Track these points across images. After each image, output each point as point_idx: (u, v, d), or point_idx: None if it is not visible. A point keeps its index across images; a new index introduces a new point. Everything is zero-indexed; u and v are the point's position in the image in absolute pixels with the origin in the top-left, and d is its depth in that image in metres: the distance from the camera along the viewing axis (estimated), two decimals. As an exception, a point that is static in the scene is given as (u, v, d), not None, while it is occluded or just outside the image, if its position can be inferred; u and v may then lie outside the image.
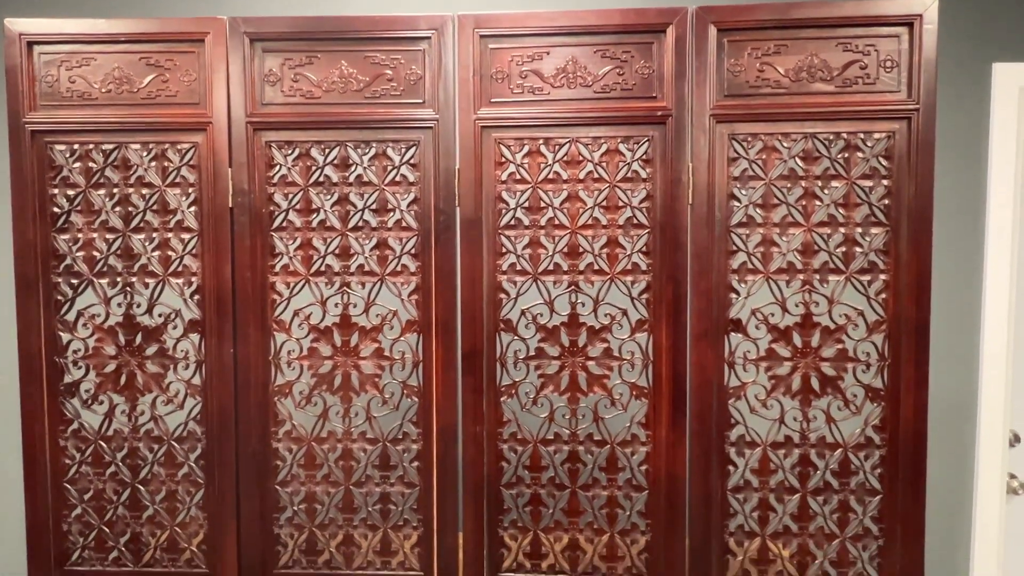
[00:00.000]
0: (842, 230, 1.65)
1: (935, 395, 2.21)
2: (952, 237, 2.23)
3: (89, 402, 1.78)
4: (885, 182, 1.63)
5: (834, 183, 1.64)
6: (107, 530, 1.80)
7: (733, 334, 1.69)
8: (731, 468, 1.71)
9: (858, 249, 1.65)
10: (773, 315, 1.68)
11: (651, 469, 1.71)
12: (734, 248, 1.67)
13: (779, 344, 1.68)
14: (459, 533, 1.75)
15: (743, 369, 1.69)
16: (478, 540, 1.75)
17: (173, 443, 1.78)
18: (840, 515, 1.70)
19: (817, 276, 1.66)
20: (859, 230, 1.65)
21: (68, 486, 1.79)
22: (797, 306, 1.67)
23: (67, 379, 1.78)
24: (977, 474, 2.50)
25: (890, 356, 1.66)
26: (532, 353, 1.72)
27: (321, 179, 1.72)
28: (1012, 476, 2.49)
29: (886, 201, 1.64)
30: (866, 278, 1.65)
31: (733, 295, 1.68)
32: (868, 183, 1.63)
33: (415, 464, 1.75)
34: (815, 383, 1.68)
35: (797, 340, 1.68)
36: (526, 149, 1.68)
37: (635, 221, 1.68)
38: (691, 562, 1.71)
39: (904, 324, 1.64)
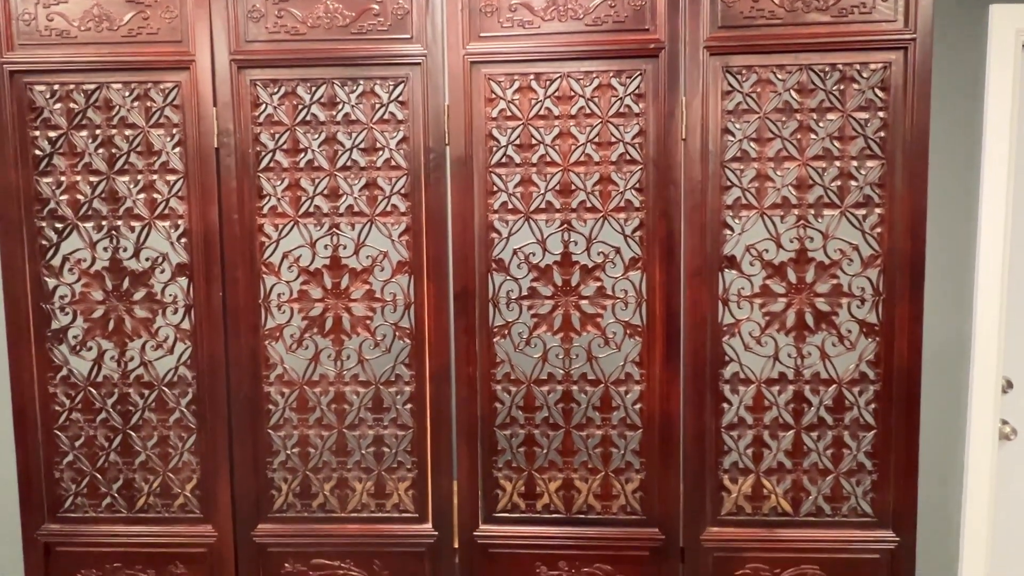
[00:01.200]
0: (837, 164, 1.63)
1: (928, 340, 2.20)
2: (947, 178, 2.20)
3: (77, 348, 1.76)
4: (881, 114, 1.61)
5: (829, 116, 1.62)
6: (99, 477, 1.79)
7: (727, 271, 1.67)
8: (725, 405, 1.70)
9: (853, 183, 1.63)
10: (767, 251, 1.66)
11: (645, 408, 1.71)
12: (728, 183, 1.65)
13: (773, 280, 1.67)
14: (454, 475, 1.75)
15: (737, 306, 1.68)
16: (472, 481, 1.74)
17: (164, 388, 1.76)
18: (834, 451, 1.70)
19: (812, 211, 1.64)
20: (854, 163, 1.62)
21: (59, 433, 1.78)
22: (792, 241, 1.66)
23: (54, 325, 1.75)
24: (970, 420, 2.50)
25: (885, 291, 1.65)
26: (525, 293, 1.71)
27: (308, 118, 1.69)
28: (1004, 422, 2.50)
29: (882, 134, 1.61)
30: (861, 212, 1.63)
31: (727, 231, 1.66)
32: (864, 115, 1.61)
33: (408, 406, 1.74)
34: (809, 319, 1.67)
35: (791, 276, 1.66)
36: (516, 85, 1.65)
37: (628, 157, 1.65)
38: (685, 499, 1.72)
39: (899, 258, 1.63)
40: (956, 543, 2.33)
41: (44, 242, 1.73)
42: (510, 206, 1.68)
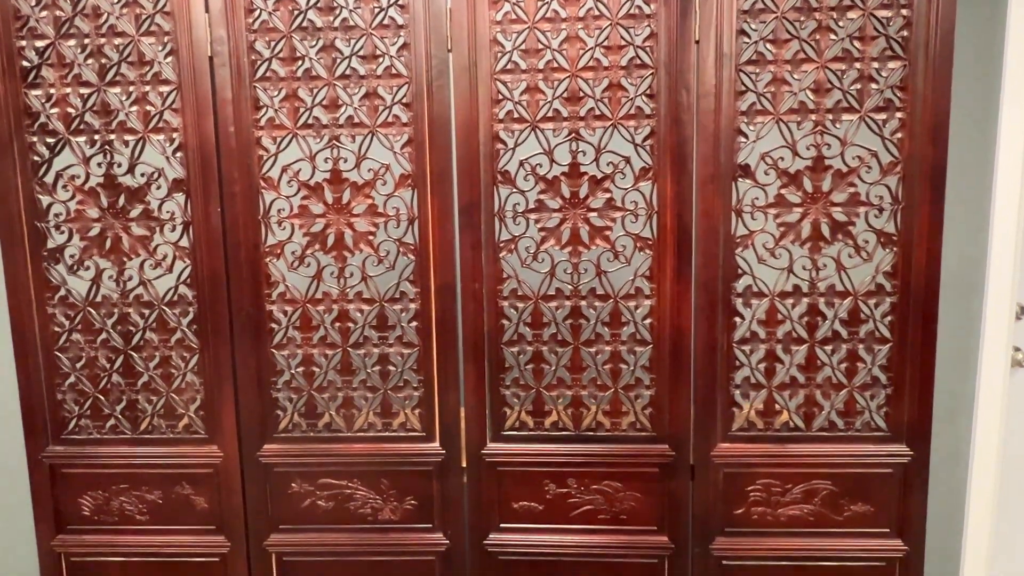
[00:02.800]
0: (857, 66, 1.56)
1: (943, 263, 2.15)
2: (965, 87, 2.11)
3: (75, 268, 1.72)
4: (904, 12, 1.53)
5: (849, 14, 1.54)
6: (102, 398, 1.77)
7: (741, 180, 1.62)
8: (737, 320, 1.66)
9: (873, 86, 1.56)
10: (783, 159, 1.61)
11: (655, 323, 1.67)
12: (743, 88, 1.58)
13: (789, 189, 1.61)
14: (460, 393, 1.72)
15: (751, 217, 1.63)
16: (480, 399, 1.72)
17: (164, 308, 1.73)
18: (848, 365, 1.67)
19: (830, 116, 1.58)
20: (875, 65, 1.55)
21: (59, 355, 1.75)
22: (808, 149, 1.60)
23: (50, 244, 1.71)
24: (982, 347, 2.47)
25: (904, 199, 1.59)
26: (532, 206, 1.66)
27: (304, 24, 1.61)
28: (1017, 349, 2.47)
29: (904, 33, 1.54)
30: (881, 117, 1.57)
31: (741, 139, 1.60)
32: (886, 13, 1.53)
33: (413, 324, 1.71)
34: (825, 230, 1.62)
35: (807, 185, 1.61)
36: (522, -14, 1.58)
37: (638, 62, 1.59)
38: (696, 415, 1.69)
39: (920, 164, 1.57)
40: (965, 463, 2.32)
41: (36, 158, 1.68)
42: (516, 115, 1.62)
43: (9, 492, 2.26)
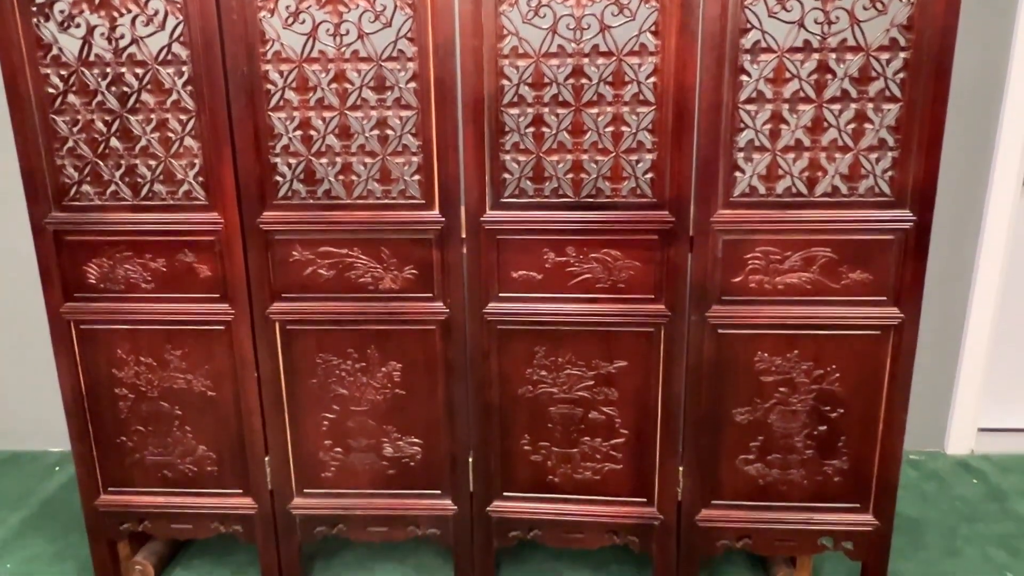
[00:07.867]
0: None
1: (957, 78, 2.09)
2: None
3: (65, 24, 1.68)
4: None
5: None
6: (101, 163, 1.76)
7: (754, -77, 1.53)
8: (744, 78, 1.62)
9: None
10: (800, -101, 1.52)
11: (659, 82, 1.63)
12: None
13: (804, -67, 1.54)
14: (460, 158, 1.71)
15: (763, -35, 1.56)
16: (479, 165, 1.70)
17: (158, 68, 1.69)
18: (855, 127, 1.63)
19: None
20: None
21: (55, 118, 1.73)
22: None
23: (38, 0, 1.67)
24: (995, 166, 2.42)
25: (925, -58, 1.51)
26: (533, -46, 1.59)
27: None
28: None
29: None
30: None
31: None
32: None
33: (411, 85, 1.67)
34: (840, -22, 1.55)
35: (824, -73, 1.53)
36: None
37: None
38: (697, 179, 1.67)
39: (945, -99, 1.48)
40: (975, 235, 2.31)
41: (17, -97, 1.61)
42: None
43: (19, 264, 2.29)
